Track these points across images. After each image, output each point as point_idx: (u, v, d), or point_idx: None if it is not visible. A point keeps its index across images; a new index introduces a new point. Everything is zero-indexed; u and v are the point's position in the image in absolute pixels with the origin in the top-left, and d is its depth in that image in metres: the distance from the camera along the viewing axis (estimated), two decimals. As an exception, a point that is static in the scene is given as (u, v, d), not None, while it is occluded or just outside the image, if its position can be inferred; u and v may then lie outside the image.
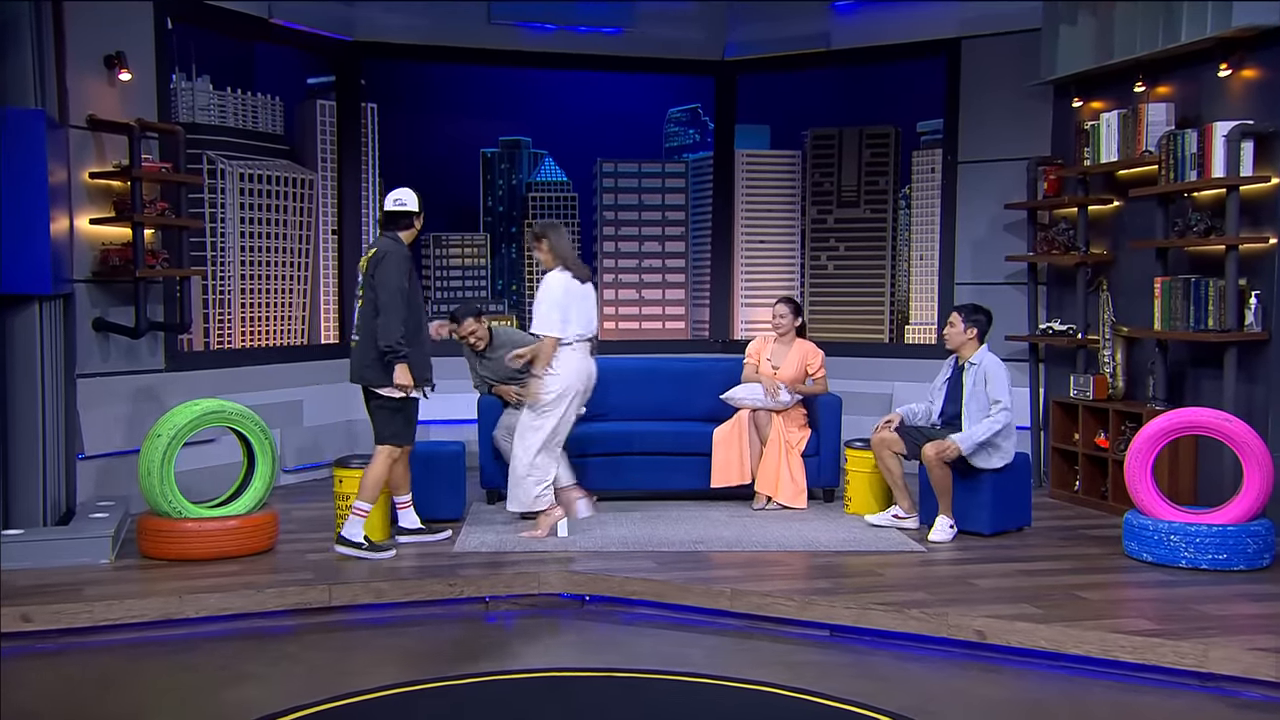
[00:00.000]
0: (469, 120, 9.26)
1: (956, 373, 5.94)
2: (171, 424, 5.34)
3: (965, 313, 5.91)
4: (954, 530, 5.78)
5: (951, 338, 5.91)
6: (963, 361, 5.90)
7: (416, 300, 5.43)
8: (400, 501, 5.70)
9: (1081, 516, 6.43)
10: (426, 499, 5.95)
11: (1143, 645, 4.17)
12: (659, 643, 4.63)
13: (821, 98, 9.06)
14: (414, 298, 5.40)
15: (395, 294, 5.25)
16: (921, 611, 4.53)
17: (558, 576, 5.13)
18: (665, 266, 9.30)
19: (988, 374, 5.75)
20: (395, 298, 5.25)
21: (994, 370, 5.77)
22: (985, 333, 5.90)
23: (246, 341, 7.60)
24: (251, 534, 5.42)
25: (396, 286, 5.27)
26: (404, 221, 5.46)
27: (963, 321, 5.87)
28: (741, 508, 6.53)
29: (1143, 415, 6.06)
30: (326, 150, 8.01)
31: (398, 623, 4.85)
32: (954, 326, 5.90)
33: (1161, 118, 6.26)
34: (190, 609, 4.73)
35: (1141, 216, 6.50)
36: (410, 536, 5.66)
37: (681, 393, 7.11)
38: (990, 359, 5.82)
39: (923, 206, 8.54)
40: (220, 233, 7.45)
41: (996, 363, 5.81)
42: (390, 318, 5.25)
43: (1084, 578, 5.07)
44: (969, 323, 5.86)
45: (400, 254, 5.37)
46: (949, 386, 5.97)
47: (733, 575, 5.10)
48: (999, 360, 5.84)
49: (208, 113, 7.42)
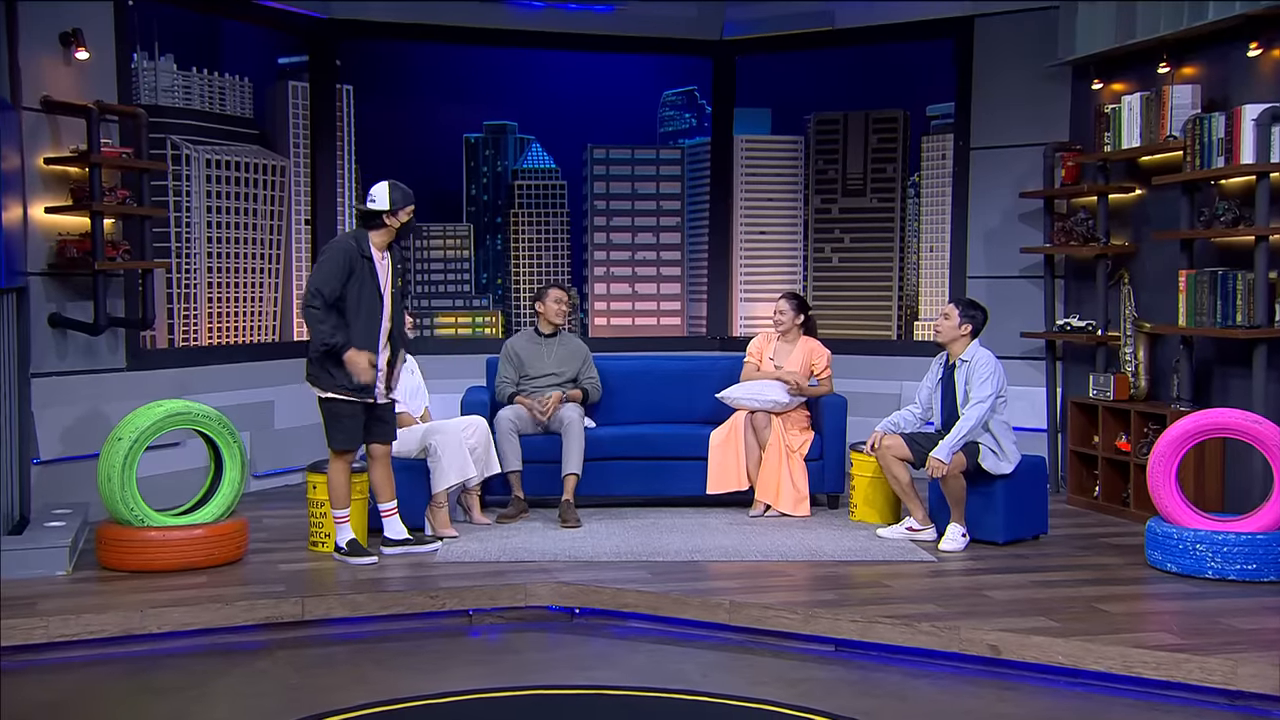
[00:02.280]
0: (451, 103, 9.24)
1: (948, 373, 5.91)
2: (133, 426, 5.31)
3: (962, 306, 5.87)
4: (966, 539, 5.78)
5: (944, 331, 5.84)
6: (953, 360, 5.86)
7: (372, 305, 5.34)
8: (384, 509, 5.65)
9: (1101, 524, 6.43)
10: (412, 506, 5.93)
11: (1167, 661, 4.16)
12: (653, 658, 4.62)
13: (825, 80, 9.06)
14: (367, 301, 5.32)
15: (313, 296, 5.22)
16: (932, 625, 4.53)
17: (546, 588, 5.12)
18: (660, 259, 9.30)
19: (975, 368, 5.72)
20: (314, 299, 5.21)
21: (980, 364, 5.72)
22: (979, 330, 5.87)
23: (213, 339, 7.58)
24: (219, 544, 5.40)
25: (315, 289, 5.22)
26: (373, 221, 5.38)
27: (959, 315, 5.82)
28: (740, 515, 6.53)
29: (1166, 417, 6.06)
30: (299, 135, 7.99)
31: (376, 638, 4.84)
32: (948, 319, 5.84)
33: (1187, 100, 6.26)
34: (153, 624, 4.70)
35: (1165, 205, 6.50)
36: (397, 548, 5.62)
37: (677, 393, 7.10)
38: (981, 353, 5.78)
39: (933, 195, 8.54)
40: (185, 223, 7.43)
41: (986, 357, 5.76)
42: (311, 321, 5.22)
43: (1104, 589, 5.06)
44: (965, 317, 5.82)
45: (339, 250, 5.30)
46: (942, 390, 5.93)
47: (731, 586, 5.09)
48: (990, 355, 5.79)
49: (171, 94, 7.39)
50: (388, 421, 5.56)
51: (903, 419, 6.00)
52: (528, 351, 6.75)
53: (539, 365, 6.72)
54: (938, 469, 5.61)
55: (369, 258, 5.36)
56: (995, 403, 5.70)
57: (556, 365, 6.74)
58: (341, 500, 5.47)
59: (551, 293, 6.81)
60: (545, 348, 6.77)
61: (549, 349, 6.77)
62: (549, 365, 6.72)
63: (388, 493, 5.63)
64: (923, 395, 6.01)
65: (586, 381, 6.76)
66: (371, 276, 5.36)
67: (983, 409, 5.65)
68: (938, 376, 5.96)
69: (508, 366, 6.72)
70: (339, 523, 5.49)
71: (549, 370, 6.71)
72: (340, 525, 5.49)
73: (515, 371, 6.71)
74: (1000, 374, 5.75)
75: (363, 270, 5.33)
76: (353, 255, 5.30)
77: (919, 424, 6.01)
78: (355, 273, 5.30)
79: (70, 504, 5.99)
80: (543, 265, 9.37)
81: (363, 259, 5.33)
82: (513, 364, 6.72)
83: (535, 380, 6.69)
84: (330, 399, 5.37)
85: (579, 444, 6.32)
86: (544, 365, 6.72)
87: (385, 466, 5.60)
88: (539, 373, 6.70)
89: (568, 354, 6.79)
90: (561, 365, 6.75)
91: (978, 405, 5.65)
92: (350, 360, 5.24)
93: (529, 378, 6.70)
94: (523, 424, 6.45)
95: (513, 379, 6.69)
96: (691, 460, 6.65)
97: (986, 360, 5.74)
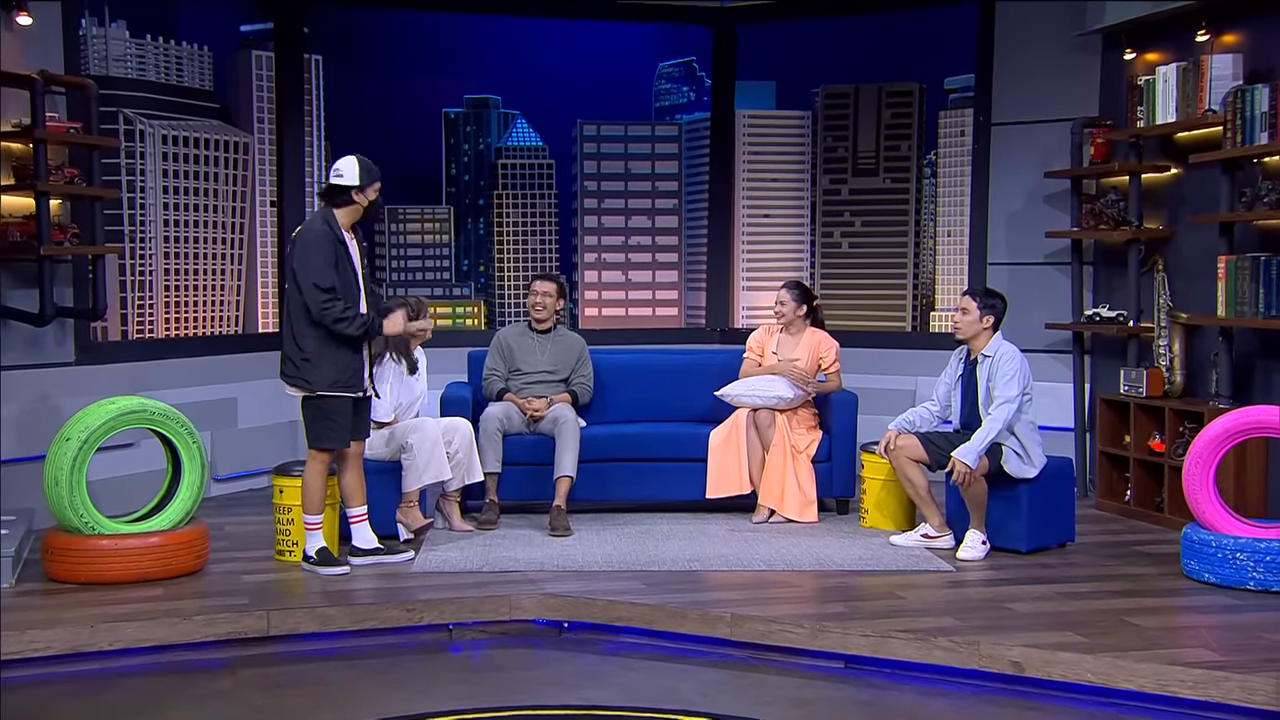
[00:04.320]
0: (429, 75, 9.23)
1: (969, 369, 5.91)
2: (83, 426, 5.29)
3: (980, 297, 5.86)
4: (987, 547, 5.77)
5: (964, 327, 5.85)
6: (975, 355, 5.87)
7: (350, 288, 5.35)
8: (353, 515, 5.64)
9: (1133, 531, 6.44)
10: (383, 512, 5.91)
11: (1205, 679, 4.16)
12: (648, 676, 4.61)
13: (834, 50, 9.05)
14: (346, 286, 5.32)
15: (322, 293, 5.23)
16: (949, 640, 4.52)
17: (531, 600, 5.11)
18: (655, 244, 9.30)
19: (999, 364, 5.73)
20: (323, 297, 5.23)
21: (1005, 361, 5.72)
22: (1000, 321, 5.87)
23: (171, 330, 7.58)
24: (177, 553, 5.38)
25: (316, 284, 5.23)
26: (341, 198, 5.36)
27: (978, 307, 5.82)
28: (742, 521, 6.52)
29: (1204, 415, 6.06)
30: (263, 109, 7.97)
31: (347, 655, 4.83)
32: (967, 314, 5.84)
33: (1228, 71, 6.26)
34: (104, 640, 4.68)
35: (1204, 186, 6.50)
36: (366, 558, 5.61)
37: (674, 390, 7.10)
38: (1006, 348, 5.78)
39: (951, 175, 8.54)
40: (140, 204, 7.41)
41: (1011, 352, 5.76)
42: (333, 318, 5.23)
43: (1136, 601, 5.07)
44: (985, 309, 5.82)
45: (319, 235, 5.30)
46: (963, 386, 5.94)
47: (733, 598, 5.09)
48: (1015, 349, 5.79)
49: (124, 64, 7.36)
50: (364, 415, 5.57)
51: (919, 417, 5.99)
52: (520, 345, 6.73)
53: (531, 362, 6.69)
54: (964, 474, 5.59)
55: (343, 241, 5.37)
56: (1022, 402, 5.71)
57: (551, 363, 6.71)
58: (315, 505, 5.46)
59: (534, 285, 6.80)
60: (539, 343, 6.75)
61: (543, 345, 6.75)
62: (542, 362, 6.70)
63: (359, 497, 5.63)
64: (940, 392, 6.00)
65: (578, 382, 6.74)
66: (347, 259, 5.38)
67: (1010, 409, 5.65)
68: (958, 373, 5.95)
69: (497, 359, 6.70)
70: (310, 529, 5.48)
71: (542, 368, 6.69)
72: (311, 532, 5.49)
73: (505, 365, 6.68)
74: (1026, 371, 5.75)
75: (340, 254, 5.35)
76: (330, 237, 5.33)
77: (936, 422, 6.00)
78: (338, 258, 5.33)
79: (14, 511, 5.95)
80: (528, 251, 9.35)
81: (339, 243, 5.35)
82: (502, 357, 6.70)
83: (527, 377, 6.67)
84: (322, 397, 5.35)
85: (574, 444, 6.30)
86: (537, 362, 6.70)
87: (358, 468, 5.60)
88: (531, 369, 6.68)
89: (564, 351, 6.77)
90: (556, 363, 6.72)
91: (1004, 405, 5.64)
92: (391, 322, 5.47)
93: (520, 373, 6.67)
94: (511, 423, 6.43)
95: (502, 373, 6.66)
96: (689, 462, 6.65)
97: (1011, 356, 5.74)
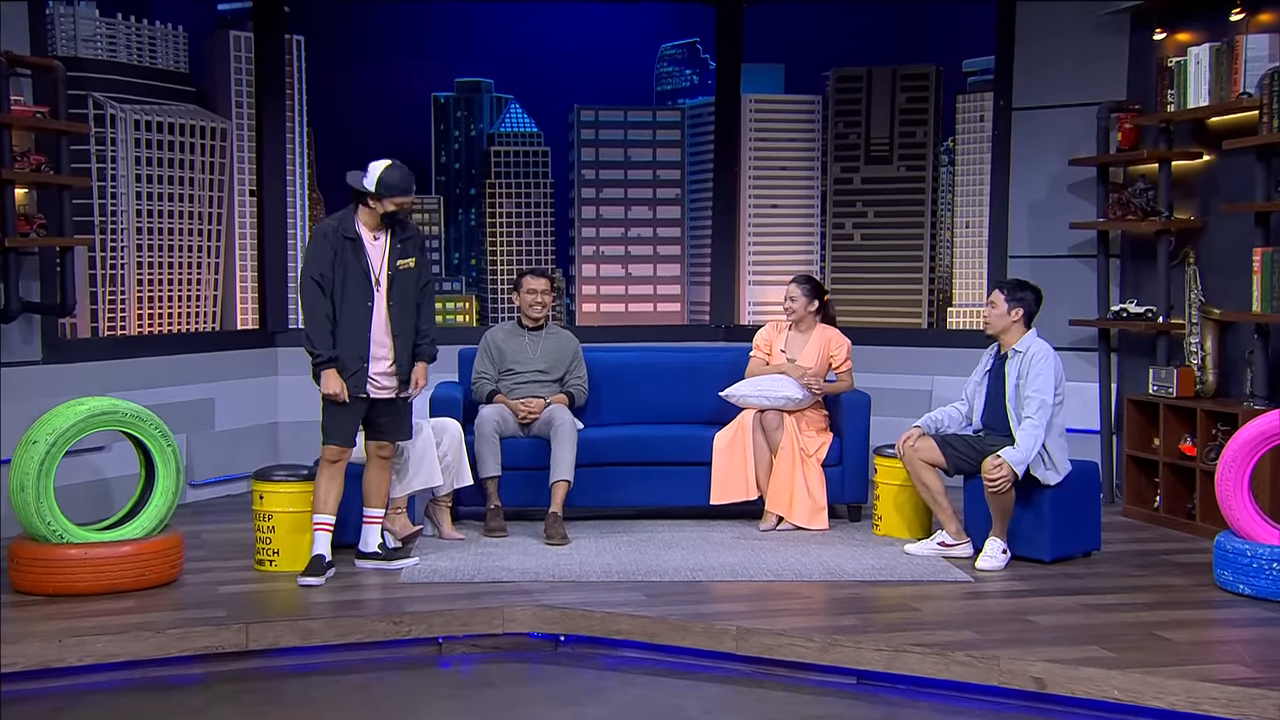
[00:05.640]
0: (418, 57, 9.22)
1: (998, 364, 5.90)
2: (51, 428, 5.29)
3: (1008, 290, 5.88)
4: (1007, 556, 5.76)
5: (992, 321, 5.88)
6: (1005, 350, 5.87)
7: (357, 292, 5.46)
8: (364, 515, 5.73)
9: (1163, 539, 6.43)
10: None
11: (1239, 697, 4.15)
12: (649, 692, 4.61)
13: (847, 31, 9.04)
14: (352, 289, 5.44)
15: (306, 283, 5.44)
16: (968, 655, 4.51)
17: (526, 612, 5.11)
18: (657, 237, 9.29)
19: (1031, 362, 5.72)
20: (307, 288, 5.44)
21: (1039, 358, 5.73)
22: (1033, 314, 5.87)
23: (144, 327, 7.57)
24: (150, 563, 5.37)
25: (306, 275, 5.44)
26: (361, 197, 5.51)
27: (1005, 300, 5.84)
28: (748, 528, 6.52)
29: (1238, 416, 6.05)
30: (242, 93, 7.96)
31: (330, 670, 4.82)
32: (995, 307, 5.87)
33: (1264, 52, 6.24)
34: (73, 656, 4.66)
35: (1238, 173, 6.49)
36: (368, 562, 5.70)
37: (676, 390, 7.10)
38: (1039, 345, 5.79)
39: (969, 163, 8.53)
40: (111, 193, 7.41)
41: (1045, 351, 5.77)
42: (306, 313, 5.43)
43: (1166, 614, 5.06)
44: (1013, 301, 5.83)
45: (316, 232, 5.52)
46: (989, 383, 5.93)
47: (738, 610, 5.09)
48: (1049, 348, 5.80)
49: (94, 45, 7.35)
50: (393, 418, 5.63)
51: (947, 417, 6.00)
52: (510, 345, 6.72)
53: (523, 361, 6.69)
54: (1007, 479, 5.57)
55: (355, 238, 5.43)
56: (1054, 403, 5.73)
57: (543, 362, 6.71)
58: (317, 503, 5.54)
59: (524, 281, 6.78)
60: (530, 341, 6.74)
61: (534, 343, 6.74)
62: (535, 362, 6.70)
63: (375, 498, 5.72)
64: (968, 390, 6.01)
65: (573, 383, 6.73)
66: (357, 258, 5.43)
67: (1048, 411, 5.66)
68: (985, 368, 5.95)
69: (486, 361, 6.70)
70: (315, 530, 5.53)
71: (535, 367, 6.68)
72: (316, 533, 5.52)
73: (495, 367, 6.68)
74: (1060, 371, 5.78)
75: (345, 252, 5.41)
76: (330, 236, 5.43)
77: (964, 423, 5.99)
78: (338, 254, 5.41)
79: (-21, 517, 5.96)
80: (523, 244, 9.34)
81: (346, 240, 5.42)
82: (492, 358, 6.70)
83: (518, 377, 6.65)
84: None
85: (571, 447, 6.30)
86: (529, 361, 6.69)
87: (378, 468, 5.70)
88: (523, 368, 6.67)
89: (556, 349, 6.77)
90: (549, 362, 6.72)
91: (1043, 407, 5.65)
92: (325, 378, 5.41)
93: (511, 373, 6.66)
94: (506, 426, 6.43)
95: (492, 375, 6.66)
96: (693, 466, 6.64)
97: (1045, 354, 5.75)
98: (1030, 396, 5.69)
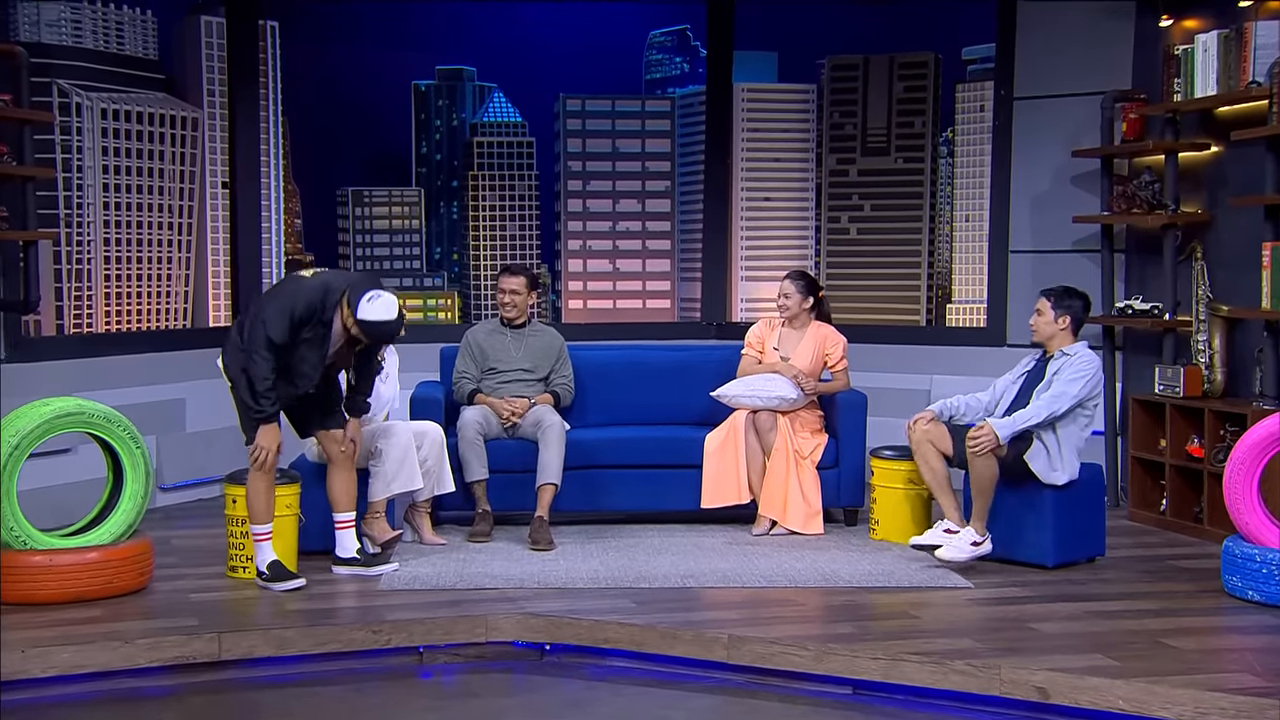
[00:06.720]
0: (398, 45, 9.23)
1: (1039, 364, 5.98)
2: (13, 430, 5.27)
3: (1055, 297, 5.95)
4: (976, 550, 5.74)
5: (1040, 328, 5.95)
6: (1050, 353, 5.95)
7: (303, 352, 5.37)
8: (335, 521, 5.71)
9: (1169, 544, 6.44)
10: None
11: (1248, 707, 4.15)
12: (637, 702, 4.61)
13: (842, 18, 9.07)
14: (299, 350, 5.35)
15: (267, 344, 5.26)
16: (968, 664, 4.52)
17: (511, 621, 5.10)
18: (646, 231, 9.30)
19: (1072, 363, 5.81)
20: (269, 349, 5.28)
21: (1081, 361, 5.81)
22: (1081, 322, 5.96)
23: (112, 324, 7.56)
24: (118, 569, 5.34)
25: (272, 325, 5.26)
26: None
27: (1052, 308, 5.92)
28: (741, 533, 6.52)
29: (1248, 417, 6.06)
30: (214, 81, 7.96)
31: (307, 681, 4.80)
32: (1042, 315, 5.95)
33: (1274, 39, 6.25)
34: (36, 667, 4.64)
35: (1247, 165, 6.50)
36: (345, 568, 5.68)
37: (666, 390, 7.09)
38: (1086, 352, 5.88)
39: (969, 155, 8.55)
40: (76, 185, 7.40)
41: (1089, 357, 5.85)
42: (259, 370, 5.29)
43: (1173, 621, 5.07)
44: (1060, 309, 5.90)
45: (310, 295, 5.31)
46: (1025, 380, 6.00)
47: (730, 618, 5.08)
48: (1094, 357, 5.88)
49: (58, 30, 7.34)
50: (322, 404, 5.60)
51: (965, 405, 6.02)
52: (492, 343, 6.72)
53: (506, 360, 6.68)
54: (988, 441, 5.61)
55: (327, 322, 5.37)
56: (1075, 408, 5.76)
57: (527, 361, 6.70)
58: (255, 513, 5.47)
59: (501, 280, 6.77)
60: (513, 339, 6.74)
61: (517, 341, 6.74)
62: (518, 360, 6.69)
63: (342, 502, 5.70)
64: (1000, 383, 6.05)
65: (558, 383, 6.73)
66: (318, 344, 5.38)
67: (1060, 405, 5.71)
68: (1026, 368, 6.04)
69: (467, 360, 6.69)
70: (256, 541, 5.49)
71: (518, 366, 6.68)
72: (258, 544, 5.48)
73: (476, 367, 6.68)
74: (1097, 379, 5.82)
75: (317, 330, 5.36)
76: (315, 309, 5.31)
77: (983, 414, 6.01)
78: (307, 325, 5.33)
79: (-61, 522, 5.94)
80: (507, 238, 9.34)
81: (320, 324, 5.35)
82: (473, 358, 6.69)
83: (502, 376, 6.65)
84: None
85: (560, 449, 6.30)
86: (512, 360, 6.69)
87: (342, 471, 5.66)
88: (506, 367, 6.67)
89: (540, 348, 6.76)
90: (532, 361, 6.71)
91: (1056, 399, 5.71)
92: (263, 431, 5.36)
93: (494, 373, 6.66)
94: (490, 427, 6.43)
95: (473, 375, 6.66)
96: (683, 469, 6.64)
97: (1087, 361, 5.82)
98: (1053, 387, 5.75)
